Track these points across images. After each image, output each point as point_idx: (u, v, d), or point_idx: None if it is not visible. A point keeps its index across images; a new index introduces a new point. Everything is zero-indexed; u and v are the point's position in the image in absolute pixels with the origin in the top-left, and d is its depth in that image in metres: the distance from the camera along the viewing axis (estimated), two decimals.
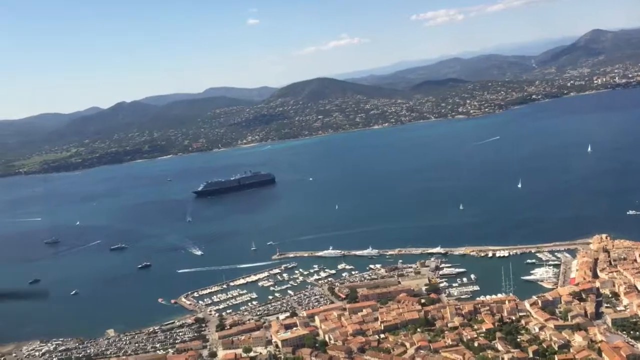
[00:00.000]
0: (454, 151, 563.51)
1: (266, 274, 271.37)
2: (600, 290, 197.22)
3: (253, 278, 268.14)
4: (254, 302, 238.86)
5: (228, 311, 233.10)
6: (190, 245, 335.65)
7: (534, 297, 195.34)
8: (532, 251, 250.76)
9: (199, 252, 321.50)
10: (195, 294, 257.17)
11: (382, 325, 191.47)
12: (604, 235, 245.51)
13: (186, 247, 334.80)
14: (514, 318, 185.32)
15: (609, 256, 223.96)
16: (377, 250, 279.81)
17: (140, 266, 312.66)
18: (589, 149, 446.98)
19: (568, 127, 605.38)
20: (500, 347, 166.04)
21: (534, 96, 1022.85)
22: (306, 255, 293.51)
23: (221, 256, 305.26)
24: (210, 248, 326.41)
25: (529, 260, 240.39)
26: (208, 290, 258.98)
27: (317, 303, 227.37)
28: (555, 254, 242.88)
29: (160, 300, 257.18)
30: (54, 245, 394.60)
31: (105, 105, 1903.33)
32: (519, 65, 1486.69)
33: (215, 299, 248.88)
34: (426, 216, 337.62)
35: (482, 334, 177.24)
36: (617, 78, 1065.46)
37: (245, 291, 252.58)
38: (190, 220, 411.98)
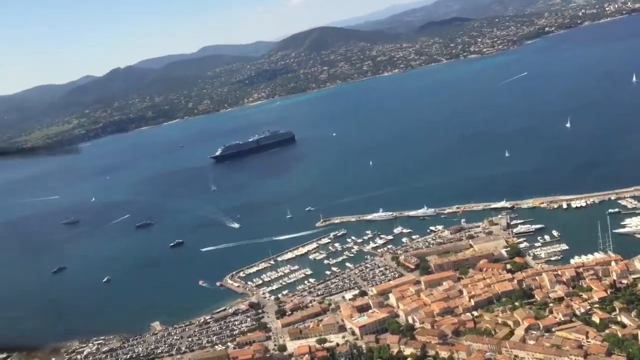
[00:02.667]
0: (482, 93, 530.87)
1: (315, 244, 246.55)
2: None
3: (302, 250, 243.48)
4: (311, 280, 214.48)
5: (284, 292, 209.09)
6: (223, 217, 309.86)
7: None
8: (612, 198, 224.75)
9: (235, 225, 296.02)
10: (242, 274, 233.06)
11: (473, 301, 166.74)
12: None
13: (219, 219, 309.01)
14: (626, 282, 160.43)
15: None
16: (433, 209, 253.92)
17: (172, 244, 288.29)
18: (634, 78, 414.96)
19: (597, 57, 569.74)
20: (627, 321, 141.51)
21: (547, 28, 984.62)
22: (354, 220, 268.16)
23: (259, 228, 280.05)
24: (245, 219, 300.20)
25: (611, 210, 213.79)
26: (255, 269, 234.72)
27: (383, 277, 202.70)
28: None
29: (201, 282, 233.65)
30: (74, 226, 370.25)
31: (99, 72, 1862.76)
32: None
33: (265, 277, 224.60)
34: (471, 167, 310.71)
35: (597, 305, 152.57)
36: (629, 3, 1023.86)
37: (297, 266, 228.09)
38: (215, 189, 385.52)
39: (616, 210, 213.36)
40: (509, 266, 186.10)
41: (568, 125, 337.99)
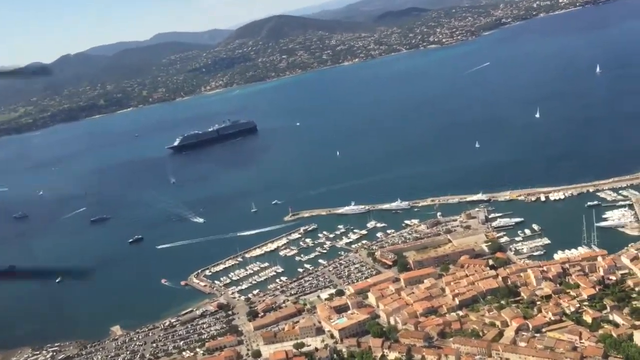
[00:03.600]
0: (447, 82, 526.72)
1: (285, 240, 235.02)
2: None
3: (271, 246, 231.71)
4: (283, 278, 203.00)
5: (254, 291, 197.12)
6: (185, 211, 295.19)
7: (632, 250, 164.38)
8: (590, 190, 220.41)
9: (199, 220, 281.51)
10: (208, 272, 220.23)
11: (457, 300, 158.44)
12: None
13: (181, 213, 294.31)
14: (614, 278, 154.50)
15: None
16: (407, 202, 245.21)
17: (131, 240, 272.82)
18: (598, 69, 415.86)
19: (556, 48, 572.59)
20: (619, 320, 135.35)
21: (503, 20, 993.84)
22: (324, 213, 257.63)
23: (224, 222, 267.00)
24: (210, 214, 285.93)
25: (590, 203, 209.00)
26: (222, 266, 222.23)
27: (359, 274, 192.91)
28: (620, 192, 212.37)
29: (164, 281, 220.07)
30: (23, 221, 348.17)
31: (48, 59, 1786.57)
32: None
33: (233, 276, 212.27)
34: (442, 157, 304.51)
35: (586, 303, 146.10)
36: None
37: (267, 264, 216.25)
38: (174, 181, 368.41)
39: (595, 203, 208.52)
40: (491, 262, 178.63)
41: (538, 115, 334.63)
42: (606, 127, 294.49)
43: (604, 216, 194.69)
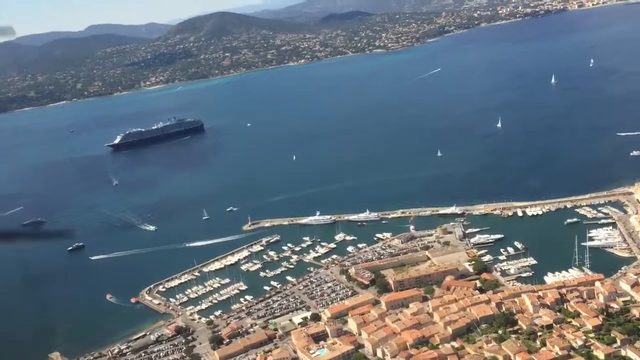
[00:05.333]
0: (400, 87, 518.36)
1: (246, 253, 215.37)
2: None
3: (231, 260, 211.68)
4: (247, 297, 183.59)
5: (216, 312, 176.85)
6: (132, 217, 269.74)
7: (630, 275, 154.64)
8: (568, 206, 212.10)
9: (150, 227, 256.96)
10: (161, 287, 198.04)
11: (450, 329, 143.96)
12: None
13: (127, 219, 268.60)
14: (617, 307, 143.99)
15: None
16: (376, 214, 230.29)
17: (70, 248, 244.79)
18: (553, 79, 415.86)
19: (503, 57, 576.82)
20: (634, 356, 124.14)
21: (447, 28, 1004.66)
22: (287, 223, 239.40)
23: (178, 231, 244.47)
24: (161, 221, 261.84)
25: (570, 220, 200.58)
26: (177, 281, 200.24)
27: (334, 294, 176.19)
28: (599, 209, 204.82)
29: (109, 297, 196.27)
30: None
31: None
32: None
33: (190, 293, 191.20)
34: (404, 166, 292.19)
35: (592, 335, 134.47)
36: (520, 7, 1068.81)
37: (228, 280, 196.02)
38: (117, 183, 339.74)
39: (575, 220, 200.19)
40: (478, 284, 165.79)
41: (499, 125, 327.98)
42: (570, 139, 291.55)
43: (589, 235, 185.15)
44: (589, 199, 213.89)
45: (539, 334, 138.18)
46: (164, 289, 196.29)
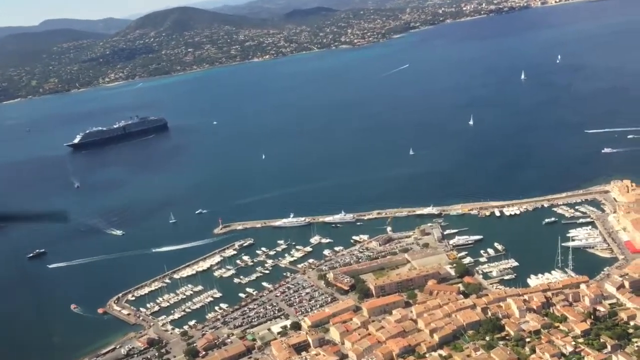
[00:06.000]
0: (369, 83, 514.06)
1: (219, 258, 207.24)
2: None
3: (203, 265, 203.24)
4: (223, 305, 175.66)
5: (190, 322, 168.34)
6: (97, 221, 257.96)
7: (615, 276, 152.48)
8: (545, 205, 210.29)
9: (117, 232, 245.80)
10: (130, 296, 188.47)
11: (436, 336, 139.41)
12: (627, 182, 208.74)
13: (92, 224, 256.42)
14: (603, 310, 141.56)
15: None
16: (352, 215, 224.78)
17: (31, 255, 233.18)
18: (523, 76, 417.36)
19: (474, 53, 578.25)
20: None
21: (412, 24, 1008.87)
22: (259, 226, 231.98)
23: (146, 235, 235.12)
24: (128, 225, 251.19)
25: (548, 219, 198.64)
26: (147, 289, 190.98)
27: (313, 301, 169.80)
28: (577, 207, 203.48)
29: (73, 307, 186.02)
30: None
31: None
32: None
33: (162, 302, 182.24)
34: (376, 165, 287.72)
35: (581, 340, 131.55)
36: (484, 4, 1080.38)
37: (200, 287, 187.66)
38: (78, 185, 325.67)
39: (553, 219, 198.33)
40: (461, 288, 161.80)
41: (471, 122, 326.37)
42: (542, 137, 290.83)
43: (569, 235, 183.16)
44: (565, 197, 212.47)
45: (528, 340, 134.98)
46: (133, 298, 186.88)
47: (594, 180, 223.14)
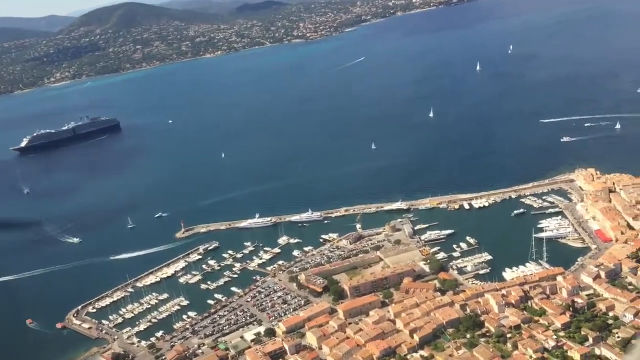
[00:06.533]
0: (326, 77, 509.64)
1: (183, 263, 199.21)
2: None
3: (167, 272, 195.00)
4: (191, 313, 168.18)
5: (158, 334, 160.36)
6: (51, 228, 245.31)
7: (591, 267, 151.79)
8: (513, 196, 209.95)
9: (74, 240, 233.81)
10: (91, 308, 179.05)
11: (416, 337, 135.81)
12: (591, 170, 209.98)
13: (46, 232, 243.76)
14: (580, 301, 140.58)
15: (621, 198, 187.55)
16: (319, 213, 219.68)
17: None
18: (478, 67, 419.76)
19: (428, 45, 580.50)
20: (610, 354, 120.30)
21: (363, 17, 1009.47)
22: (224, 228, 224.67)
23: (104, 242, 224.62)
24: (83, 231, 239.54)
25: (517, 211, 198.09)
26: (109, 300, 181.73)
27: (286, 305, 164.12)
28: (544, 197, 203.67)
29: (29, 322, 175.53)
30: None
31: None
32: None
33: (125, 313, 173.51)
34: (339, 160, 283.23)
35: (562, 333, 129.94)
36: None
37: (166, 295, 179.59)
38: (28, 191, 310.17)
39: (522, 210, 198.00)
40: (438, 285, 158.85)
41: (431, 114, 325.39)
42: (502, 127, 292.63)
43: (539, 226, 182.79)
44: (532, 187, 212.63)
45: (509, 335, 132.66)
46: (94, 310, 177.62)
47: (558, 169, 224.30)
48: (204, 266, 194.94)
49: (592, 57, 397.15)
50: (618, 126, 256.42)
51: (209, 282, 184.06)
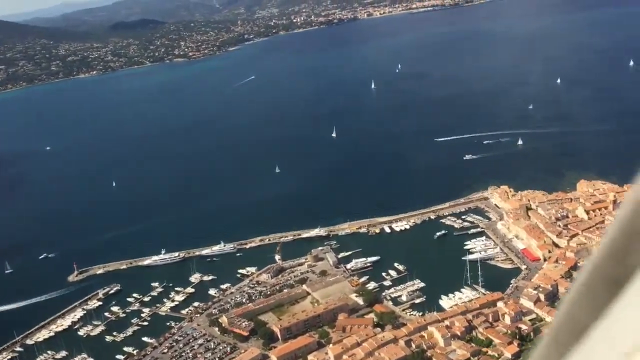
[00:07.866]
0: (216, 97, 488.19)
1: (81, 312, 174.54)
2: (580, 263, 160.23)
3: (63, 324, 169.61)
4: None
5: None
6: None
7: (531, 290, 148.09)
8: (432, 217, 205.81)
9: None
10: None
11: None
12: (504, 187, 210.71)
13: None
14: (526, 328, 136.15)
15: (540, 215, 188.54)
16: (232, 245, 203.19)
17: None
18: (373, 85, 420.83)
19: (317, 63, 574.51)
20: None
21: (246, 36, 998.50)
22: (125, 267, 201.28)
23: None
24: None
25: (439, 233, 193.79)
26: None
27: (209, 353, 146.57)
28: (463, 217, 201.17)
29: None
30: None
31: None
32: (204, 6, 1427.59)
33: None
34: (243, 186, 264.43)
35: None
36: (313, 17, 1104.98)
37: (64, 352, 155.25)
38: None
39: (443, 232, 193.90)
40: (375, 319, 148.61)
41: (334, 135, 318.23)
42: (405, 146, 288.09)
43: (465, 247, 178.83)
44: (449, 207, 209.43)
45: None
46: None
47: (471, 187, 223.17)
48: (106, 314, 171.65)
49: (479, 75, 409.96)
50: (520, 142, 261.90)
51: (114, 333, 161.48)
